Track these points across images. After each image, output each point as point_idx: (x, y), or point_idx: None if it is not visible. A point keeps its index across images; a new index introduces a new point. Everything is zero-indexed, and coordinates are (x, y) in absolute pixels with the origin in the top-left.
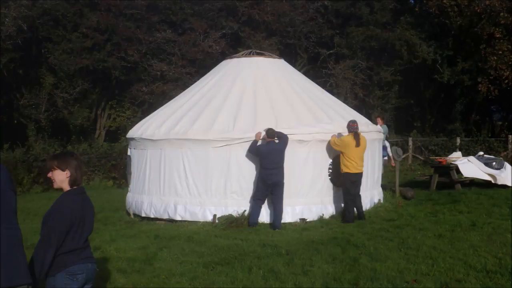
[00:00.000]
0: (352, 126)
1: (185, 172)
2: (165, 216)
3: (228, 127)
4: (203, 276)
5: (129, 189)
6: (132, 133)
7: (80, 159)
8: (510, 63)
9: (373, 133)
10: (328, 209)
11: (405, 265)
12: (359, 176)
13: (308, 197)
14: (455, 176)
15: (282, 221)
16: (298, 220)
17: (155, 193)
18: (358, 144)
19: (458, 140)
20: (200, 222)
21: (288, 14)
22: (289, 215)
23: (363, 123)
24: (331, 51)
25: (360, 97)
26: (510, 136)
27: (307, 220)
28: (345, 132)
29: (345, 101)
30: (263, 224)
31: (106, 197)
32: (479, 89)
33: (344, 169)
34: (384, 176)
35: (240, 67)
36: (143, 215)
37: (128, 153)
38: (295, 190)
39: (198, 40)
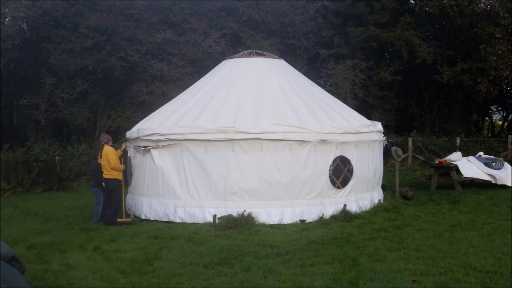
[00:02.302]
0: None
1: (184, 173)
2: (165, 219)
3: (228, 128)
4: (203, 276)
5: (129, 190)
6: (132, 133)
7: None
8: (510, 63)
9: (373, 134)
10: (328, 210)
11: (405, 265)
12: None
13: (308, 198)
14: (455, 176)
15: (283, 221)
16: (298, 221)
17: (154, 195)
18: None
19: (458, 140)
20: (200, 223)
21: (288, 14)
22: (289, 216)
23: (364, 124)
24: (331, 51)
25: (360, 97)
26: (510, 136)
27: (307, 221)
28: (346, 132)
29: (345, 101)
30: (263, 224)
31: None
32: (479, 89)
33: None
34: (384, 176)
35: (240, 67)
36: (143, 217)
37: (129, 154)
38: (295, 191)
39: (198, 40)
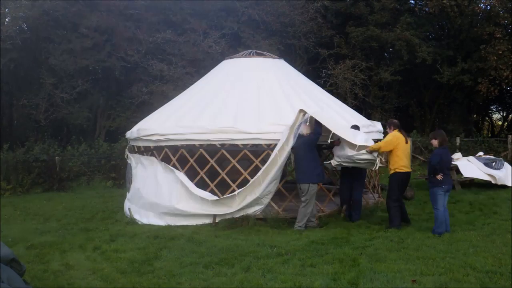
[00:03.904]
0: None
1: (184, 174)
2: (163, 224)
3: (229, 128)
4: (203, 276)
5: (127, 196)
6: (132, 133)
7: None
8: (510, 63)
9: (373, 134)
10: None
11: (405, 265)
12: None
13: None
14: (455, 176)
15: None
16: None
17: (154, 197)
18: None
19: (458, 140)
20: (200, 223)
21: (288, 14)
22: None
23: (364, 124)
24: (331, 51)
25: (360, 97)
26: (510, 136)
27: None
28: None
29: (345, 101)
30: (263, 224)
31: (106, 197)
32: (479, 89)
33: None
34: (384, 176)
35: (240, 67)
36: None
37: (129, 161)
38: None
39: (198, 40)
